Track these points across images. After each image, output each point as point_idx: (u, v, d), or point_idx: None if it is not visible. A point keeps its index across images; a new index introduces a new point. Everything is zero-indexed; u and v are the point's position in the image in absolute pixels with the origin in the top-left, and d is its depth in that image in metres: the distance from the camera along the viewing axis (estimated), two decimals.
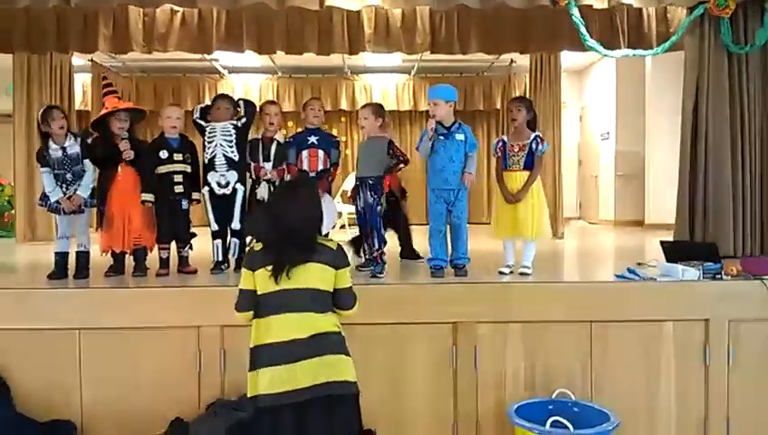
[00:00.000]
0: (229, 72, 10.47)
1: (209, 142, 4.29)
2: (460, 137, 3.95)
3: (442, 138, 3.94)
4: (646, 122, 8.97)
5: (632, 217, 9.36)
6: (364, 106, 4.59)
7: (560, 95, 7.77)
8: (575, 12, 4.89)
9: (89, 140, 4.20)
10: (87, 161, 4.15)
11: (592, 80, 10.46)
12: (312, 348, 2.52)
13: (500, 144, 4.20)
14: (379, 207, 4.23)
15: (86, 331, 3.63)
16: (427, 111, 10.59)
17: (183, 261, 4.36)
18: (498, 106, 10.35)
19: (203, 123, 4.33)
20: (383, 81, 10.67)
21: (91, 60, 8.62)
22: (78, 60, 8.37)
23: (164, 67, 9.93)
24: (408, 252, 5.16)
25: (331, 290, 2.68)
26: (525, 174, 4.07)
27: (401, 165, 4.39)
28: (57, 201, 4.10)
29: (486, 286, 3.76)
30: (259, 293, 2.62)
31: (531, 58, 7.95)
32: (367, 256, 4.33)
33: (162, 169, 4.21)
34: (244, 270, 2.69)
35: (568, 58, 8.02)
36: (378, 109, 4.51)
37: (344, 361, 2.59)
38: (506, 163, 4.12)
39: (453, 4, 4.91)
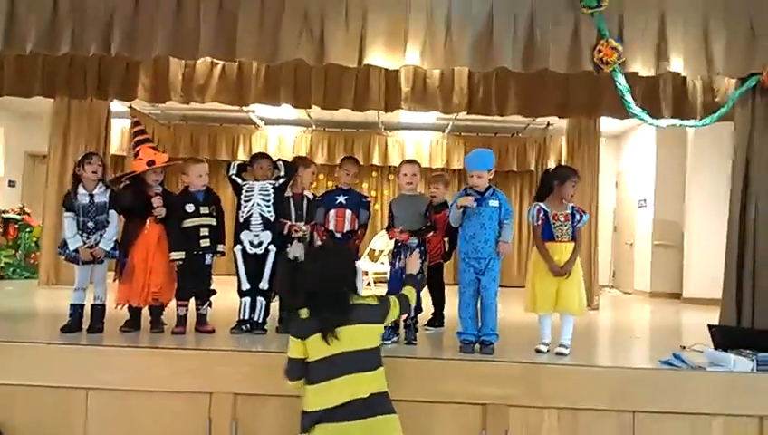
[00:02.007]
0: (265, 124, 10.55)
1: (246, 201, 4.22)
2: (494, 203, 3.76)
3: (475, 204, 3.75)
4: (686, 192, 8.69)
5: (669, 290, 9.00)
6: (411, 162, 4.31)
7: (598, 161, 7.56)
8: (620, 79, 4.73)
9: (116, 188, 4.14)
10: (113, 212, 4.07)
11: (630, 145, 10.27)
12: (367, 408, 2.60)
13: (541, 213, 3.93)
14: (420, 275, 4.00)
15: (94, 390, 3.47)
16: (460, 170, 10.51)
17: (201, 319, 4.20)
18: (532, 168, 10.20)
19: (239, 181, 4.26)
20: (417, 137, 10.63)
21: (131, 106, 8.73)
22: (117, 106, 8.50)
23: (202, 116, 10.05)
24: (434, 319, 4.89)
25: (378, 344, 2.76)
26: (571, 245, 3.85)
27: (430, 232, 4.19)
28: (75, 250, 4.00)
29: (520, 367, 3.49)
30: (312, 359, 2.66)
31: (568, 121, 7.81)
32: (390, 324, 4.10)
33: (188, 223, 4.12)
34: (292, 339, 2.71)
35: (605, 122, 7.86)
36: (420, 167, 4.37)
37: (394, 420, 2.66)
38: (552, 233, 3.87)
39: (494, 67, 4.78)
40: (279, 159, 4.39)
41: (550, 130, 9.43)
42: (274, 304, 4.38)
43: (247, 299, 4.24)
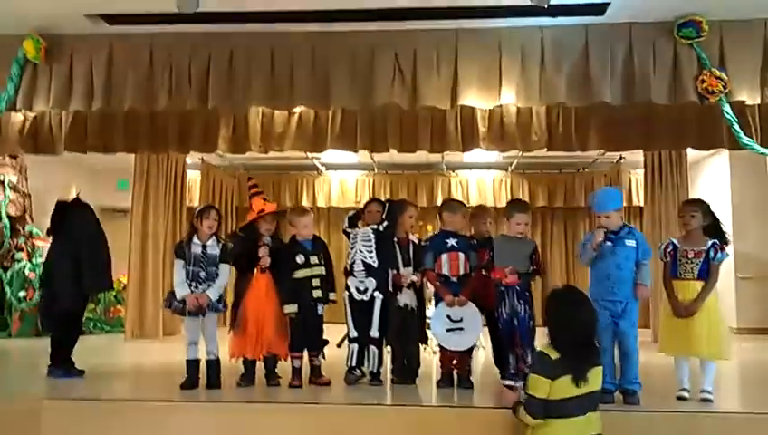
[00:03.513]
0: (326, 169, 10.59)
1: (351, 248, 4.23)
2: (630, 243, 3.63)
3: (609, 244, 3.61)
4: None
5: (757, 325, 8.56)
6: (526, 209, 4.16)
7: (687, 193, 7.29)
8: (727, 108, 4.59)
9: (228, 242, 4.15)
10: (223, 265, 4.07)
11: (704, 176, 9.95)
12: None
13: (669, 248, 3.78)
14: (531, 321, 3.87)
15: None
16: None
17: (316, 371, 4.12)
18: None
19: (350, 232, 4.26)
20: (480, 176, 10.53)
21: (201, 158, 8.87)
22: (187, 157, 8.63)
23: (265, 165, 10.13)
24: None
25: None
26: (699, 284, 3.65)
27: (536, 276, 4.07)
28: (181, 301, 3.97)
29: (671, 417, 3.29)
30: (557, 398, 2.80)
31: (645, 155, 7.60)
32: (512, 371, 3.93)
33: (299, 274, 4.08)
34: (540, 379, 2.81)
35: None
36: None
37: None
38: (677, 270, 3.71)
39: (593, 102, 4.69)
40: (388, 200, 4.34)
41: (622, 163, 9.19)
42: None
43: (355, 346, 4.17)
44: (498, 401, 3.35)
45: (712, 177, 9.59)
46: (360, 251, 4.16)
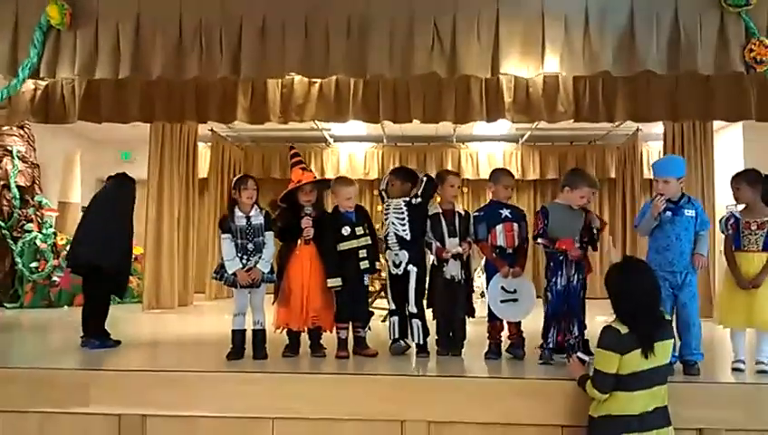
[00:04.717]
0: (335, 141, 10.46)
1: (385, 219, 4.16)
2: (690, 213, 3.60)
3: (669, 213, 3.57)
4: None
5: None
6: (592, 184, 4.07)
7: (712, 167, 7.25)
8: None
9: (271, 212, 4.05)
10: (269, 234, 3.99)
11: (718, 147, 9.86)
12: (661, 418, 2.81)
13: (732, 220, 3.75)
14: (583, 291, 3.83)
15: (281, 420, 3.33)
16: (537, 181, 10.26)
17: (360, 342, 4.07)
18: (613, 175, 9.94)
19: (385, 196, 4.18)
20: (490, 148, 10.46)
21: (211, 129, 8.70)
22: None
23: (273, 137, 9.96)
24: None
25: None
26: (764, 255, 3.60)
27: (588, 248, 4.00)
28: (233, 274, 3.90)
29: (735, 387, 3.29)
30: (626, 372, 2.76)
31: (666, 125, 7.56)
32: (568, 342, 3.90)
33: (345, 246, 4.01)
34: (610, 353, 2.77)
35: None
36: None
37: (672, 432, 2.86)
38: (740, 242, 3.67)
39: (638, 71, 4.60)
40: (425, 175, 4.25)
41: (640, 135, 9.14)
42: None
43: (395, 319, 4.16)
44: (567, 373, 3.32)
45: (725, 148, 9.57)
46: (393, 224, 4.10)
